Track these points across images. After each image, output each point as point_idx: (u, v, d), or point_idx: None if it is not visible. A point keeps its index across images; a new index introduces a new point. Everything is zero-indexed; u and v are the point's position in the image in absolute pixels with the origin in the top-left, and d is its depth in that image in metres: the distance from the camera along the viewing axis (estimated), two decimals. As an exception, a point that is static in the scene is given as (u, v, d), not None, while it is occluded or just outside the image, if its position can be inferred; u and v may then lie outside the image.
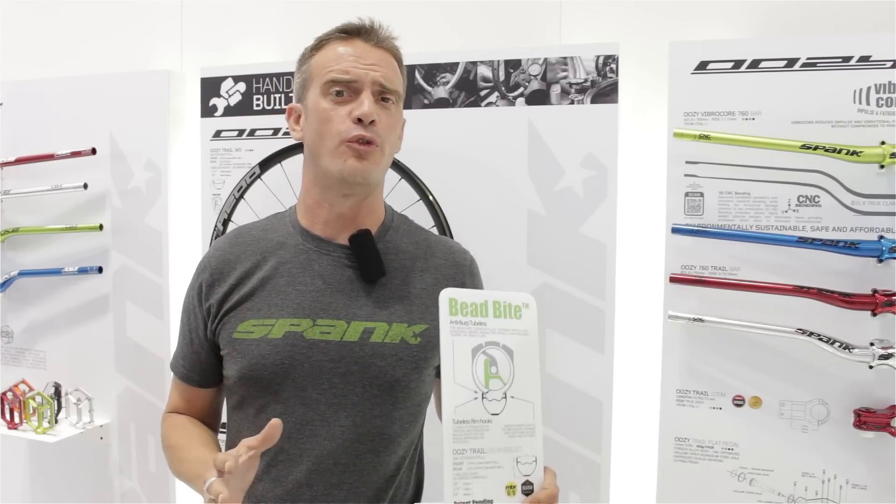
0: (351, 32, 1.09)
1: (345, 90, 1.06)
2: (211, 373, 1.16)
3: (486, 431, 0.93)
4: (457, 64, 1.59)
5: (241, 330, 1.08)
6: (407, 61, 1.60)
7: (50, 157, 1.90)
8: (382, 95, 1.08)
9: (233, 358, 1.09)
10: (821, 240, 1.36)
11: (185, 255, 1.88)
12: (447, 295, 0.94)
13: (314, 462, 1.05)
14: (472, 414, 0.93)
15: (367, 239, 1.09)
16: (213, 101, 1.79)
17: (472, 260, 1.20)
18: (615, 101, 1.50)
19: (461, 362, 0.94)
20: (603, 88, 1.50)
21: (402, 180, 1.61)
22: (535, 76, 1.54)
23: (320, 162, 1.07)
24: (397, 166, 1.60)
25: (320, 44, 1.11)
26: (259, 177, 1.73)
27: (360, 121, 1.03)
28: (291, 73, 1.19)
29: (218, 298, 1.11)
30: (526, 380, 0.96)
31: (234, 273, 1.12)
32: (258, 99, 1.75)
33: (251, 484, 1.08)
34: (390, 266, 1.11)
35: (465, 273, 1.16)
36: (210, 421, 1.21)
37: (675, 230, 1.43)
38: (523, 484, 0.94)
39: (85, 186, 1.89)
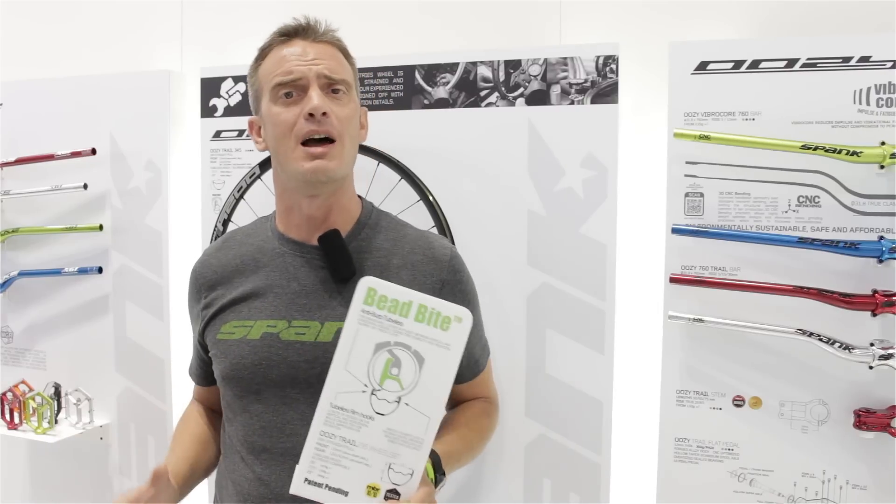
0: (290, 34, 1.10)
1: (293, 90, 1.06)
2: (209, 373, 1.20)
3: (365, 427, 0.90)
4: (457, 64, 1.59)
5: (224, 331, 1.12)
6: (407, 61, 1.62)
7: (50, 157, 1.90)
8: (332, 87, 1.08)
9: (217, 358, 1.13)
10: (821, 240, 1.36)
11: (185, 255, 1.87)
12: (367, 283, 0.91)
13: (296, 460, 1.06)
14: (353, 405, 0.91)
15: (336, 239, 1.09)
16: (213, 101, 1.79)
17: (454, 255, 1.18)
18: (615, 101, 1.50)
19: (359, 353, 0.91)
20: (603, 89, 1.50)
21: (402, 180, 1.61)
22: (535, 76, 1.54)
23: (284, 167, 1.08)
24: (397, 166, 1.61)
25: (263, 52, 1.13)
26: (259, 177, 1.73)
27: (311, 116, 1.04)
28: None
29: (206, 303, 1.16)
30: (430, 393, 0.92)
31: (219, 278, 1.16)
32: (258, 99, 1.74)
33: (237, 483, 1.09)
34: (365, 264, 1.11)
35: (443, 269, 1.14)
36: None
37: (675, 230, 1.43)
38: (389, 490, 0.91)
39: (85, 187, 1.89)
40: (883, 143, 1.34)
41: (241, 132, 1.77)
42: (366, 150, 1.59)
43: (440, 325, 0.92)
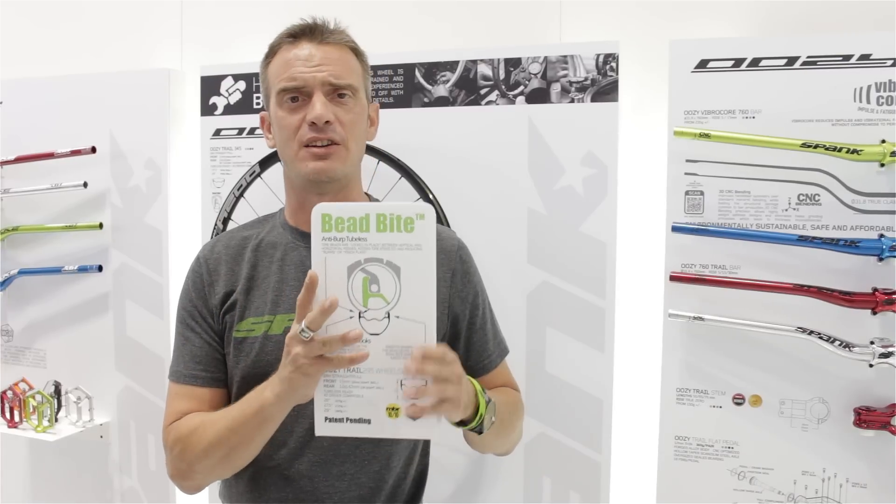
0: (297, 35, 1.10)
1: (298, 96, 1.07)
2: (216, 373, 1.14)
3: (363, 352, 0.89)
4: (457, 62, 1.59)
5: (241, 329, 1.09)
6: (407, 60, 1.62)
7: (50, 155, 1.90)
8: (337, 92, 1.08)
9: (236, 357, 1.10)
10: (821, 238, 1.36)
11: (185, 253, 1.87)
12: (319, 210, 0.90)
13: (316, 454, 1.07)
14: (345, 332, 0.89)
15: None
16: (213, 99, 1.79)
17: (461, 245, 1.20)
18: (615, 99, 1.50)
19: (334, 281, 0.89)
20: (603, 87, 1.50)
21: (403, 179, 1.61)
22: (535, 74, 1.54)
23: (289, 167, 1.11)
24: (397, 165, 1.61)
25: (272, 51, 1.12)
26: (259, 175, 1.73)
27: (314, 124, 1.05)
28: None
29: (219, 298, 1.12)
30: (416, 299, 0.89)
31: (228, 273, 1.13)
32: (258, 97, 1.75)
33: (253, 479, 1.09)
34: None
35: (453, 258, 1.16)
36: None
37: (675, 229, 1.43)
38: (409, 406, 0.89)
39: (85, 185, 1.89)
40: (883, 142, 1.34)
41: (240, 130, 1.77)
42: (366, 149, 1.59)
43: (404, 228, 0.89)
